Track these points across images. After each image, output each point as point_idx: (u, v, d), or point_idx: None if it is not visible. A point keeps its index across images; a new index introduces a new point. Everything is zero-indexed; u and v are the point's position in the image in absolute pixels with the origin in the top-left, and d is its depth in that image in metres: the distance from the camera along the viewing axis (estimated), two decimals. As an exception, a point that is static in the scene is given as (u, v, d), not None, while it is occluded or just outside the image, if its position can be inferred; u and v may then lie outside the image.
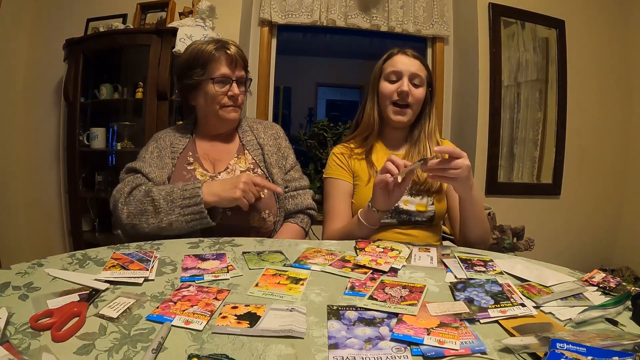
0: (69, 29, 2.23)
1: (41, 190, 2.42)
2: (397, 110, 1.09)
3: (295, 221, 1.14)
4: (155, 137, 1.14)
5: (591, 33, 2.47)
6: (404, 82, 1.07)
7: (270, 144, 1.16)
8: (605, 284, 0.68)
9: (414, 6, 2.46)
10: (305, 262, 0.77)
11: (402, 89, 1.07)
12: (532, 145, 2.47)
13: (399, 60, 1.10)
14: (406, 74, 1.08)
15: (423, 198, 1.08)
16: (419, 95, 1.09)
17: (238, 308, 0.57)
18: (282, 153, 1.18)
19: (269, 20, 2.40)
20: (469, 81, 2.41)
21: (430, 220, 1.09)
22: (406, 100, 1.08)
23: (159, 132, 1.17)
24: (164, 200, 0.91)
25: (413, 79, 1.08)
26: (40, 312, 0.52)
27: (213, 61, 1.05)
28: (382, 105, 1.12)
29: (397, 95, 1.08)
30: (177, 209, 0.89)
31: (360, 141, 1.16)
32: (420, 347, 0.48)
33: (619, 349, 0.44)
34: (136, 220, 0.93)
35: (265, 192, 1.06)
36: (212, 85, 1.05)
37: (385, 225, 1.07)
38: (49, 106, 2.37)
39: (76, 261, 0.73)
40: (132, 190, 0.98)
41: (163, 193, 0.93)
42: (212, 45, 1.06)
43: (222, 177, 1.07)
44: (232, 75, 1.07)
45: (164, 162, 1.06)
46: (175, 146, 1.10)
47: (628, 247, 2.52)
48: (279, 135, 1.20)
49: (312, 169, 2.52)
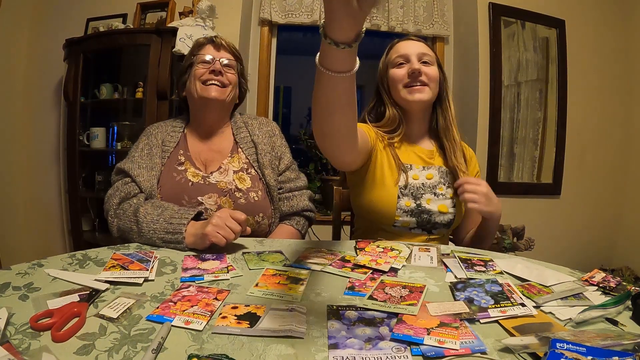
0: (69, 29, 2.23)
1: (41, 190, 2.42)
2: (414, 88, 1.01)
3: (291, 223, 1.12)
4: (147, 132, 1.12)
5: (591, 33, 2.47)
6: (413, 61, 1.01)
7: (264, 142, 1.13)
8: (605, 283, 0.68)
9: (414, 6, 2.46)
10: (305, 262, 0.77)
11: (412, 68, 1.00)
12: (532, 145, 2.47)
13: (403, 45, 1.05)
14: (413, 54, 1.02)
15: (447, 199, 1.04)
16: (433, 73, 1.02)
17: (238, 308, 0.57)
18: (276, 153, 1.15)
19: (269, 20, 2.40)
20: (469, 81, 2.41)
21: (448, 224, 1.03)
22: (419, 78, 1.01)
23: (151, 126, 1.15)
24: (147, 227, 0.88)
25: (422, 58, 1.03)
26: (41, 313, 0.52)
27: (200, 47, 1.11)
28: (396, 93, 1.04)
29: (408, 77, 1.01)
30: (158, 241, 0.86)
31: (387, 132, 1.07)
32: (420, 347, 0.48)
33: (619, 349, 0.44)
34: (125, 235, 0.92)
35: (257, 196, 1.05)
36: (196, 66, 1.08)
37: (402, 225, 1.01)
38: (49, 106, 2.37)
39: (76, 261, 0.73)
40: (122, 201, 0.97)
41: (148, 218, 0.89)
42: (204, 38, 1.14)
43: (214, 177, 1.05)
44: (216, 56, 1.09)
45: (153, 162, 1.04)
46: (166, 144, 1.08)
47: (628, 247, 2.52)
48: (274, 133, 1.18)
49: (312, 168, 2.52)
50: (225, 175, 1.06)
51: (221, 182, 1.04)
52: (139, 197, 0.97)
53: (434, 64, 1.05)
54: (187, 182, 1.02)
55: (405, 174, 1.02)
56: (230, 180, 1.05)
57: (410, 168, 1.05)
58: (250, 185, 1.06)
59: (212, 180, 1.04)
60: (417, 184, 1.03)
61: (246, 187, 1.06)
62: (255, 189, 1.07)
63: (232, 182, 1.05)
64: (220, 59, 1.09)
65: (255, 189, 1.07)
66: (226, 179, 1.05)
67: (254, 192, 1.06)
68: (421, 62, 1.03)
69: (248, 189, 1.06)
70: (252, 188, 1.06)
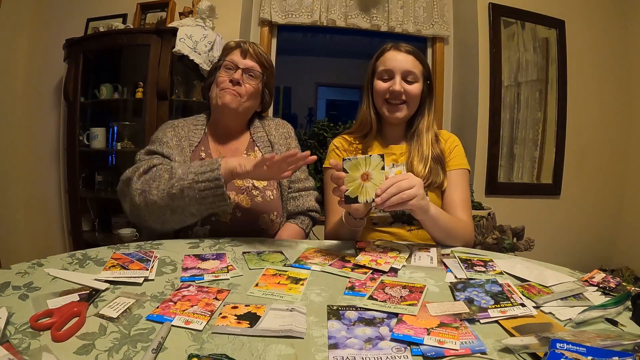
0: (69, 29, 2.23)
1: (41, 190, 2.42)
2: (392, 108, 1.07)
3: (296, 222, 1.13)
4: (171, 125, 1.11)
5: (591, 33, 2.47)
6: (396, 81, 1.04)
7: (280, 142, 1.15)
8: (605, 284, 0.68)
9: (414, 6, 2.46)
10: (305, 262, 0.77)
11: (393, 89, 1.04)
12: (532, 145, 2.47)
13: (391, 58, 1.06)
14: (398, 71, 1.05)
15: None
16: (414, 92, 1.06)
17: (238, 308, 0.57)
18: None
19: (269, 20, 2.40)
20: (469, 81, 2.41)
21: None
22: (399, 98, 1.05)
23: (172, 121, 1.14)
24: (181, 168, 0.88)
25: (406, 77, 1.05)
26: (40, 312, 0.52)
27: (227, 53, 1.10)
28: (377, 103, 1.10)
29: (389, 94, 1.06)
30: (191, 175, 0.84)
31: (359, 138, 1.15)
32: (420, 347, 0.48)
33: (619, 349, 0.44)
34: (146, 186, 0.88)
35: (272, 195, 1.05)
36: (220, 72, 1.08)
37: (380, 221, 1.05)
38: (49, 106, 2.37)
39: (76, 261, 0.73)
40: (149, 169, 0.93)
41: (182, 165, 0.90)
42: (235, 42, 1.12)
43: None
44: (240, 63, 1.08)
45: (184, 153, 1.03)
46: (191, 138, 1.08)
47: (628, 247, 2.52)
48: (290, 135, 1.19)
49: (312, 168, 2.52)
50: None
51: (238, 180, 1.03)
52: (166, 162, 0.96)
53: (418, 81, 1.06)
54: None
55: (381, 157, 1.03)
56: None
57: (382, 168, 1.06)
58: (267, 183, 1.08)
59: None
60: None
61: (263, 185, 1.07)
62: (271, 187, 1.08)
63: (249, 180, 1.05)
64: (244, 66, 1.07)
65: (271, 187, 1.08)
66: None
67: (270, 191, 1.07)
68: (405, 80, 1.05)
69: (265, 187, 1.07)
70: (268, 186, 1.08)
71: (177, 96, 2.13)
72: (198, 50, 1.96)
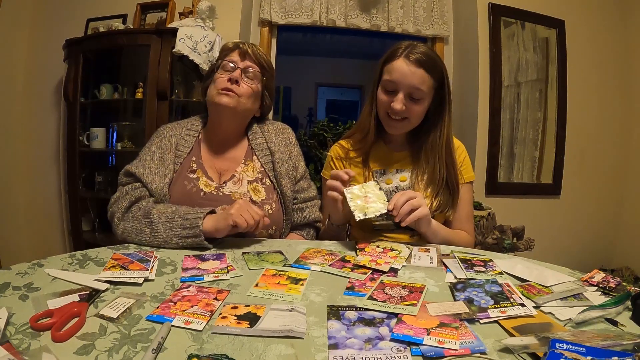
0: (69, 29, 2.23)
1: (41, 190, 2.42)
2: (391, 122, 1.01)
3: (301, 233, 1.11)
4: (160, 135, 1.08)
5: (591, 33, 2.47)
6: (398, 99, 0.96)
7: (281, 150, 1.10)
8: (605, 284, 0.68)
9: (414, 6, 2.46)
10: (305, 262, 0.77)
11: (393, 107, 0.96)
12: (532, 145, 2.47)
13: (398, 69, 0.95)
14: (403, 87, 0.95)
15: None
16: (417, 111, 0.99)
17: (238, 308, 0.57)
18: (294, 162, 1.11)
19: (269, 21, 2.41)
20: (469, 81, 2.41)
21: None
22: (400, 115, 0.99)
23: (164, 127, 1.11)
24: (163, 227, 0.86)
25: (412, 94, 0.96)
26: (41, 313, 0.52)
27: (226, 53, 1.08)
28: (379, 112, 1.04)
29: (390, 109, 0.99)
30: (174, 238, 0.85)
31: (357, 142, 1.10)
32: (420, 347, 0.48)
33: (619, 349, 0.44)
34: (130, 238, 0.89)
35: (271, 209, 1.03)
36: (217, 72, 1.05)
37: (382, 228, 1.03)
38: (49, 106, 2.37)
39: (76, 261, 0.73)
40: (131, 205, 0.93)
41: (163, 218, 0.87)
42: (233, 43, 1.10)
43: (228, 187, 1.02)
44: (239, 63, 1.05)
45: (166, 168, 1.00)
46: (180, 149, 1.05)
47: (628, 247, 2.52)
48: (291, 141, 1.14)
49: (312, 169, 2.52)
50: (239, 185, 1.03)
51: (235, 193, 1.01)
52: (149, 200, 0.95)
53: (425, 99, 0.98)
54: (199, 191, 0.99)
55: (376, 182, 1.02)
56: (245, 191, 1.02)
57: (384, 173, 1.07)
58: (265, 197, 1.03)
59: (225, 191, 1.01)
60: (390, 188, 1.05)
61: (261, 199, 1.02)
62: (269, 200, 1.03)
63: (247, 194, 1.02)
64: (243, 67, 1.04)
65: (269, 200, 1.03)
66: (240, 190, 1.02)
67: (268, 205, 1.03)
68: (410, 97, 0.97)
69: (262, 201, 1.02)
70: (267, 200, 1.03)
71: (177, 96, 2.13)
72: (198, 51, 1.96)
